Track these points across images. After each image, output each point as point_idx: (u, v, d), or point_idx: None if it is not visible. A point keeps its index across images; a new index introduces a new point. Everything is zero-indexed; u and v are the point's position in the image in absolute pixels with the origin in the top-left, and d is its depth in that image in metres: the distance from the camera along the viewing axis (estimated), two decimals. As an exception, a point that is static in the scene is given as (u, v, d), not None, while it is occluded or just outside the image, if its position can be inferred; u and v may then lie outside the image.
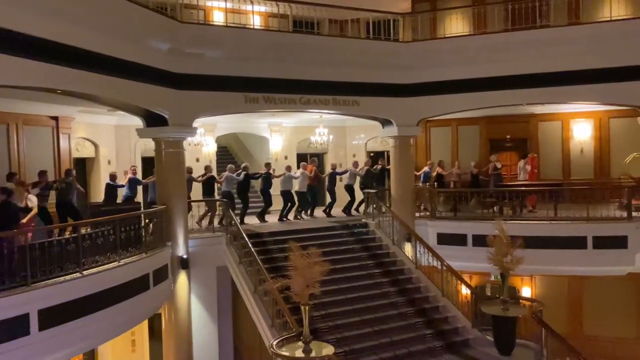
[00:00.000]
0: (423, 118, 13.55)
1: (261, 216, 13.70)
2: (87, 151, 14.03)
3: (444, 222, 13.13)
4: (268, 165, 14.51)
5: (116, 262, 8.51)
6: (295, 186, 14.19)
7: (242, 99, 11.41)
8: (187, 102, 10.62)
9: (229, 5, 12.15)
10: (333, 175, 15.02)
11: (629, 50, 11.38)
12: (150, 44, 9.84)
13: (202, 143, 15.23)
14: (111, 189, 12.12)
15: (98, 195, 13.35)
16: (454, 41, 13.09)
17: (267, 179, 13.97)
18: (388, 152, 14.69)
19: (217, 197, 13.32)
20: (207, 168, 13.30)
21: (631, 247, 11.63)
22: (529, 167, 14.37)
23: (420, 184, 14.41)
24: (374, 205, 13.34)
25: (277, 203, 14.22)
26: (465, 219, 12.92)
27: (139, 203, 11.84)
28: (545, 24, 12.44)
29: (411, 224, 12.74)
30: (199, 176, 13.10)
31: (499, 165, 14.44)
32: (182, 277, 10.71)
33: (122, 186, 12.22)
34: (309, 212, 14.68)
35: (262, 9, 14.03)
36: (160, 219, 10.17)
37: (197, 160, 15.26)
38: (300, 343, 7.46)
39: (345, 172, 15.20)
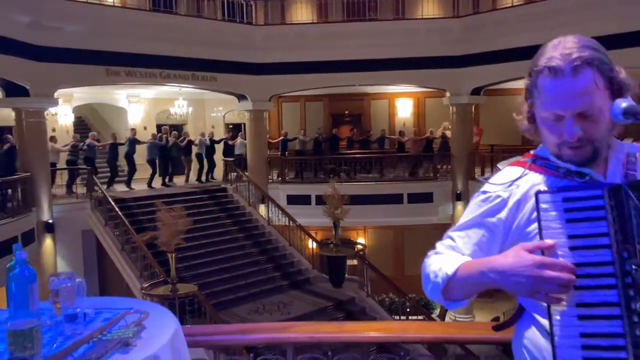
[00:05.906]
0: (274, 94, 15.25)
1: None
2: None
3: (293, 185, 15.13)
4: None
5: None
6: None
7: (103, 72, 12.02)
8: (48, 74, 10.98)
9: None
10: None
11: (435, 43, 14.17)
12: (10, 15, 10.11)
13: (58, 113, 15.29)
14: None
15: None
16: (300, 27, 14.82)
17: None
18: (245, 124, 16.25)
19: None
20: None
21: (436, 202, 14.78)
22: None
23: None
24: (233, 172, 14.88)
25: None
26: (310, 182, 15.06)
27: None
28: (374, 17, 14.80)
29: (265, 188, 14.48)
30: (181, 139, 15.25)
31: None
32: (47, 241, 11.28)
33: None
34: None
35: (120, -17, 14.43)
36: (24, 186, 10.63)
37: (54, 130, 15.26)
38: (167, 286, 8.88)
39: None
